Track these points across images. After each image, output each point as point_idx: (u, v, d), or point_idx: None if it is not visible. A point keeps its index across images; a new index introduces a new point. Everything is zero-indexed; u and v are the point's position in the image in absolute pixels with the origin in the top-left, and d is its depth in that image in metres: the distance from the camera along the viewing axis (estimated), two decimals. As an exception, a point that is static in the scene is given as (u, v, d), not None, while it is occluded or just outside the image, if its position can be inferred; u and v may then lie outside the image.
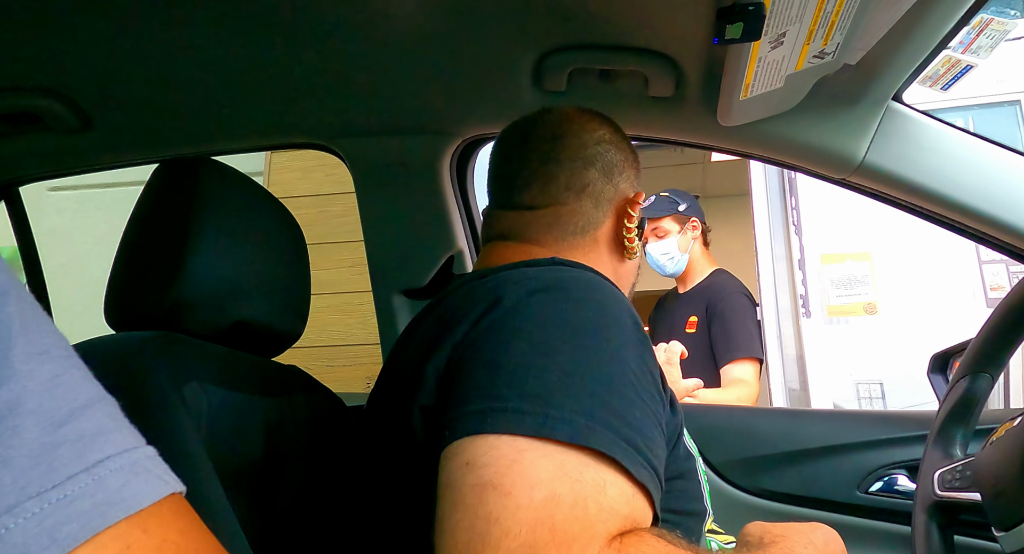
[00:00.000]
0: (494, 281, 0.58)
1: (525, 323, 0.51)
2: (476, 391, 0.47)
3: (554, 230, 0.71)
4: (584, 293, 0.55)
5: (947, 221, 0.93)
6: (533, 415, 0.44)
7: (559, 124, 0.75)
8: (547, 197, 0.72)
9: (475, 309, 0.54)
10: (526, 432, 0.43)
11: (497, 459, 0.42)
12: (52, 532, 0.22)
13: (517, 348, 0.49)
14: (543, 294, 0.54)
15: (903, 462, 1.04)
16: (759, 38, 0.68)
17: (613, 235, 0.74)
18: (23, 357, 0.24)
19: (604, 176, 0.73)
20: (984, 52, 0.91)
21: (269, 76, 0.92)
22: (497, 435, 0.44)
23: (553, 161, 0.72)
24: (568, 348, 0.49)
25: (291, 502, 0.71)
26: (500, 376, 0.47)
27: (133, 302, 0.66)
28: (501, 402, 0.45)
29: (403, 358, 0.61)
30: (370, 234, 1.14)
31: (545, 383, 0.46)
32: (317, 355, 2.25)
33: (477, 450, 0.43)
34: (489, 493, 0.41)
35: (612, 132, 0.76)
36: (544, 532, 0.40)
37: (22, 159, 1.13)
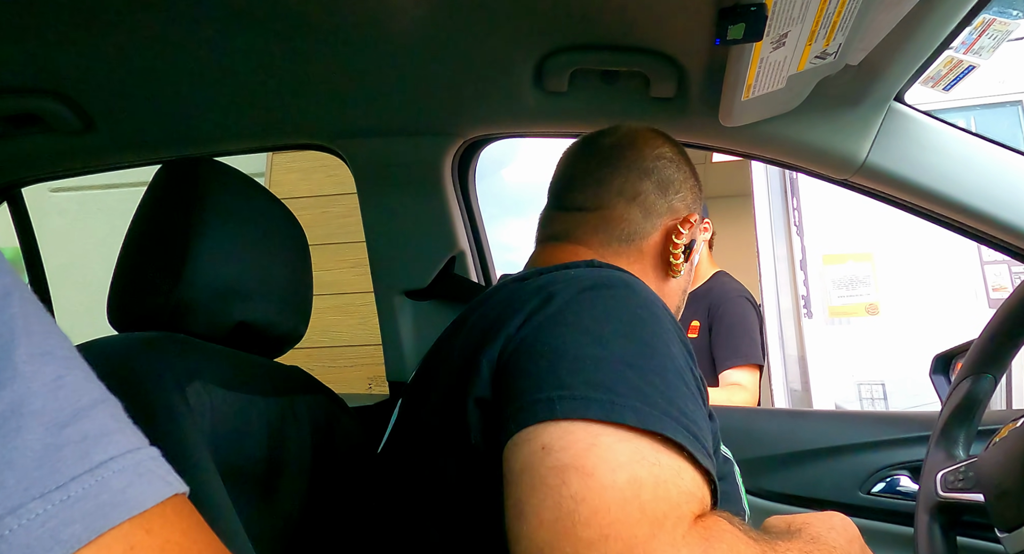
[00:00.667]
0: (542, 281, 0.58)
1: (579, 317, 0.52)
2: (540, 380, 0.47)
3: (600, 233, 0.73)
4: (629, 291, 0.56)
5: (949, 221, 0.93)
6: (600, 402, 0.45)
7: (623, 136, 0.78)
8: (598, 200, 0.74)
9: (527, 305, 0.54)
10: (597, 417, 0.44)
11: (574, 443, 0.43)
12: (56, 533, 0.22)
13: (575, 340, 0.50)
14: (592, 292, 0.54)
15: (905, 463, 1.04)
16: (761, 39, 0.68)
17: (659, 250, 0.75)
18: (26, 358, 0.24)
19: (658, 190, 0.75)
20: (986, 53, 0.91)
21: (271, 77, 0.92)
22: (570, 420, 0.44)
23: (609, 167, 0.75)
24: (623, 341, 0.50)
25: (293, 502, 0.71)
26: (562, 366, 0.48)
27: (136, 303, 0.66)
28: (568, 389, 0.46)
29: (449, 356, 0.60)
30: (372, 235, 1.14)
31: (607, 372, 0.47)
32: (319, 356, 2.25)
33: (552, 435, 0.44)
34: (571, 474, 0.41)
35: (675, 151, 0.79)
36: (634, 510, 0.40)
37: (24, 160, 1.13)
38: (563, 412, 0.44)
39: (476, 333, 0.57)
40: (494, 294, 0.61)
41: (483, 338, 0.55)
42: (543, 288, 0.56)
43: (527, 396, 0.47)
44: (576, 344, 0.49)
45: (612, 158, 0.75)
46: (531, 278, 0.60)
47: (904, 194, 0.92)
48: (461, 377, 0.55)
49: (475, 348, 0.55)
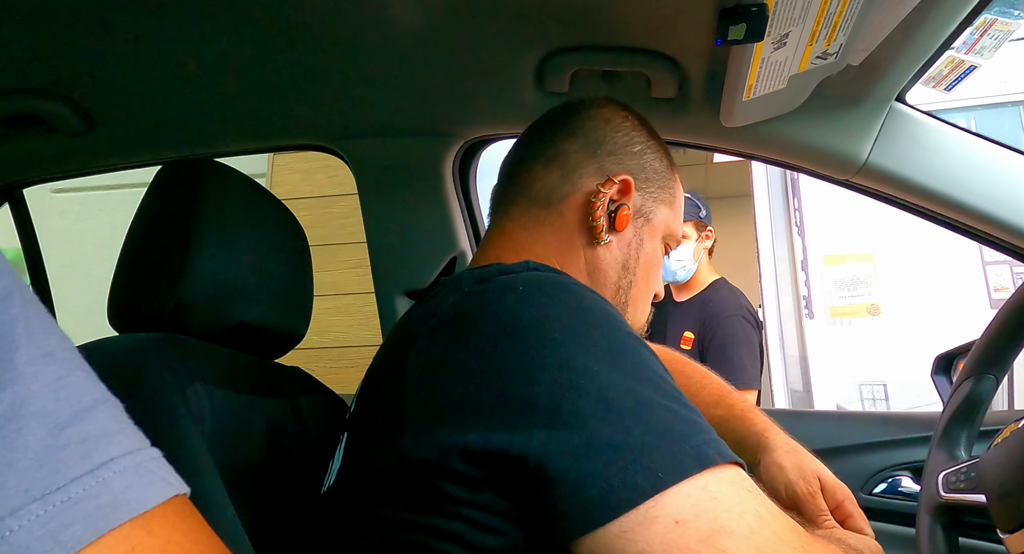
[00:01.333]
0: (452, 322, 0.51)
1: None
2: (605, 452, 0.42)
3: (520, 200, 0.68)
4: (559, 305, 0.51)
5: (950, 222, 0.93)
6: (680, 455, 0.42)
7: (571, 105, 0.73)
8: (518, 166, 0.70)
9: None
10: (682, 477, 0.41)
11: (696, 506, 0.41)
12: (56, 534, 0.22)
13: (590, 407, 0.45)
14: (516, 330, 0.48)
15: (907, 464, 1.04)
16: (762, 39, 0.68)
17: (582, 215, 0.67)
18: (27, 359, 0.24)
19: (585, 149, 0.68)
20: (988, 53, 0.91)
21: (272, 78, 0.92)
22: (675, 485, 0.41)
23: (538, 132, 0.71)
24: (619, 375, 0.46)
25: (294, 503, 0.71)
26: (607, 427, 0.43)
27: (136, 304, 0.66)
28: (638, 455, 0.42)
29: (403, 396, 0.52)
30: (372, 235, 1.14)
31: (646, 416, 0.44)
32: (320, 356, 2.25)
33: (673, 504, 0.40)
34: (723, 540, 0.40)
35: (622, 116, 0.71)
36: (777, 542, 0.41)
37: (26, 161, 1.13)
38: (665, 478, 0.41)
39: (430, 391, 0.48)
40: (432, 335, 0.52)
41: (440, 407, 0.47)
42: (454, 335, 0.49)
43: (606, 474, 0.41)
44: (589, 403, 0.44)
45: (547, 125, 0.70)
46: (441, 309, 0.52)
47: (905, 194, 0.92)
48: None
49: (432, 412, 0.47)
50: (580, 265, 0.68)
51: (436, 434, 0.45)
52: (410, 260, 1.14)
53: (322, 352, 2.27)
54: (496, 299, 0.50)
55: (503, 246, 0.68)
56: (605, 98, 0.74)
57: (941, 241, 2.46)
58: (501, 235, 0.69)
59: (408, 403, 0.48)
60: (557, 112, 0.72)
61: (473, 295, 0.52)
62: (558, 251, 0.67)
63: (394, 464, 0.47)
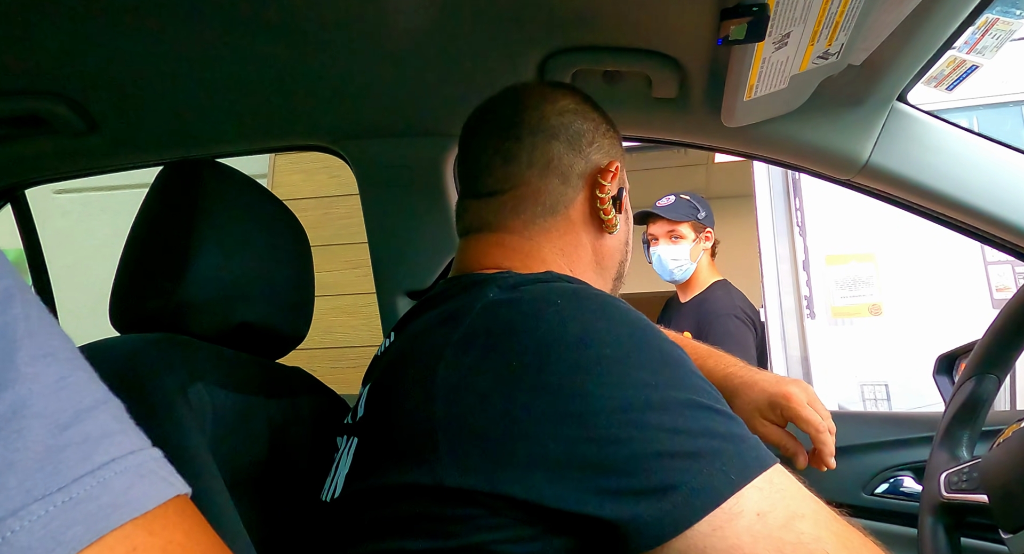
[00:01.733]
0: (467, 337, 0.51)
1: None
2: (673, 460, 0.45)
3: (522, 214, 0.66)
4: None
5: (952, 222, 0.93)
6: (745, 456, 0.46)
7: (518, 100, 0.70)
8: (510, 179, 0.67)
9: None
10: (752, 476, 0.45)
11: (771, 498, 0.45)
12: (58, 535, 0.22)
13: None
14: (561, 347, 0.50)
15: (909, 464, 1.04)
16: (763, 39, 0.68)
17: (589, 210, 0.68)
18: (29, 359, 0.24)
19: (571, 148, 0.67)
20: (989, 52, 0.91)
21: (273, 79, 0.92)
22: (745, 485, 0.45)
23: (512, 139, 0.67)
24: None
25: (295, 504, 0.71)
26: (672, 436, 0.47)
27: (138, 304, 0.66)
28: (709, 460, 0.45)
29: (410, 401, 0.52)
30: (374, 236, 1.14)
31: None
32: (321, 357, 2.26)
33: (751, 500, 0.45)
34: (799, 523, 0.45)
35: (578, 101, 0.71)
36: (833, 521, 0.46)
37: (28, 162, 1.13)
38: (738, 479, 0.44)
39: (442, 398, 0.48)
40: (465, 342, 0.50)
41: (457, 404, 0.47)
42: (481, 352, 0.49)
43: (685, 480, 0.44)
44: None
45: (513, 129, 0.67)
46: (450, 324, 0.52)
47: (907, 194, 0.92)
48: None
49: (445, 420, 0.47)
50: (587, 259, 0.69)
51: (491, 474, 0.45)
52: (411, 260, 1.14)
53: (323, 352, 2.27)
54: (534, 312, 0.49)
55: (503, 255, 0.65)
56: (552, 85, 0.73)
57: (943, 241, 2.46)
58: (498, 246, 0.66)
59: (442, 424, 0.47)
60: (518, 112, 0.69)
61: (505, 304, 0.51)
62: (563, 252, 0.67)
63: (428, 483, 0.47)
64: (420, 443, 0.48)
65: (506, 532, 0.45)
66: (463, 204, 0.71)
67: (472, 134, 0.72)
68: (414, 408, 0.50)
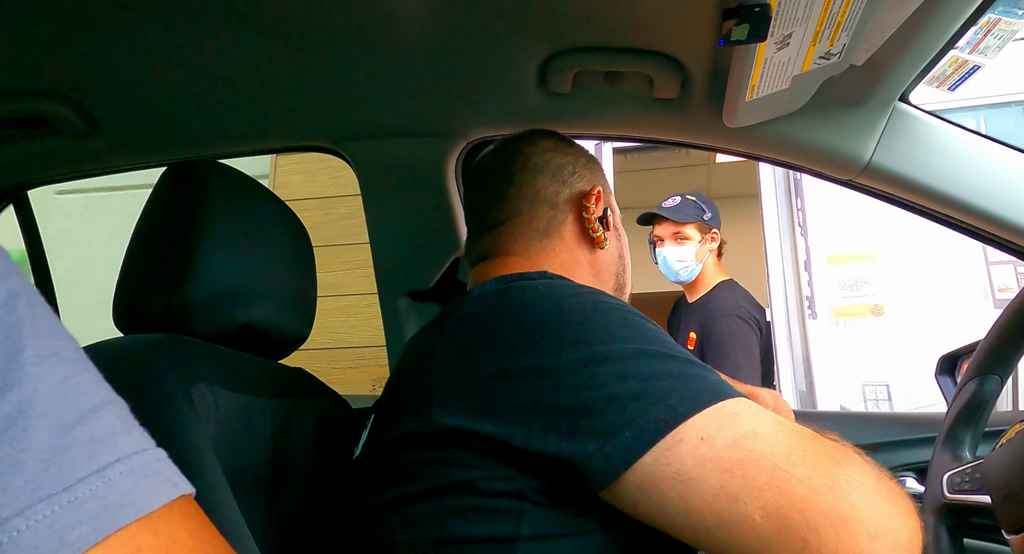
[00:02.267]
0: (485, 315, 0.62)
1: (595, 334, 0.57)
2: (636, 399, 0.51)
3: (520, 238, 0.77)
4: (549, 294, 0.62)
5: (954, 222, 0.93)
6: (709, 392, 0.51)
7: (505, 149, 0.83)
8: (505, 212, 0.78)
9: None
10: (712, 402, 0.50)
11: (719, 423, 0.48)
12: (63, 534, 0.22)
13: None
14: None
15: (911, 464, 1.03)
16: (765, 39, 0.68)
17: (579, 230, 0.79)
18: (34, 359, 0.25)
19: (555, 179, 0.79)
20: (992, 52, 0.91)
21: (275, 80, 0.92)
22: (688, 418, 0.49)
23: (504, 179, 0.79)
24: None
25: (298, 504, 0.71)
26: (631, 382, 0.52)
27: (141, 305, 0.66)
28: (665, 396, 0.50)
29: (428, 384, 0.62)
30: (375, 236, 1.14)
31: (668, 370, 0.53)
32: (323, 357, 2.26)
33: (696, 429, 0.48)
34: (747, 441, 0.48)
35: (554, 140, 0.83)
36: (797, 432, 0.50)
37: (30, 163, 1.14)
38: (685, 411, 0.49)
39: (462, 366, 0.58)
40: (459, 324, 0.62)
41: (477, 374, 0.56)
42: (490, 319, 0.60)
43: (638, 415, 0.49)
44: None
45: (505, 171, 0.80)
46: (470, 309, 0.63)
47: (909, 194, 0.92)
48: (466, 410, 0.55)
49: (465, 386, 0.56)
50: (586, 272, 0.79)
51: (473, 416, 0.53)
52: (412, 261, 1.14)
53: (325, 353, 2.27)
54: (517, 296, 0.61)
55: (512, 272, 0.72)
56: (532, 131, 0.85)
57: (944, 241, 2.46)
58: (503, 266, 0.75)
59: (436, 385, 0.57)
60: (506, 157, 0.81)
61: (495, 293, 0.63)
62: (563, 268, 0.76)
63: (424, 430, 0.55)
64: (418, 401, 0.58)
65: (491, 472, 0.53)
66: (471, 241, 0.82)
67: (473, 184, 0.84)
68: (417, 380, 0.61)
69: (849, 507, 0.45)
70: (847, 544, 0.44)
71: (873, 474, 0.49)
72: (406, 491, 0.56)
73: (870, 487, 0.47)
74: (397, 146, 1.09)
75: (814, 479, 0.46)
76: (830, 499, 0.45)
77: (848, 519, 0.45)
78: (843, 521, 0.45)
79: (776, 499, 0.45)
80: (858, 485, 0.46)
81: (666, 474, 0.47)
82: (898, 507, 0.47)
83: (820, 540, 0.44)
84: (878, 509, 0.46)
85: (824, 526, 0.45)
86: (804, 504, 0.45)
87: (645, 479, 0.48)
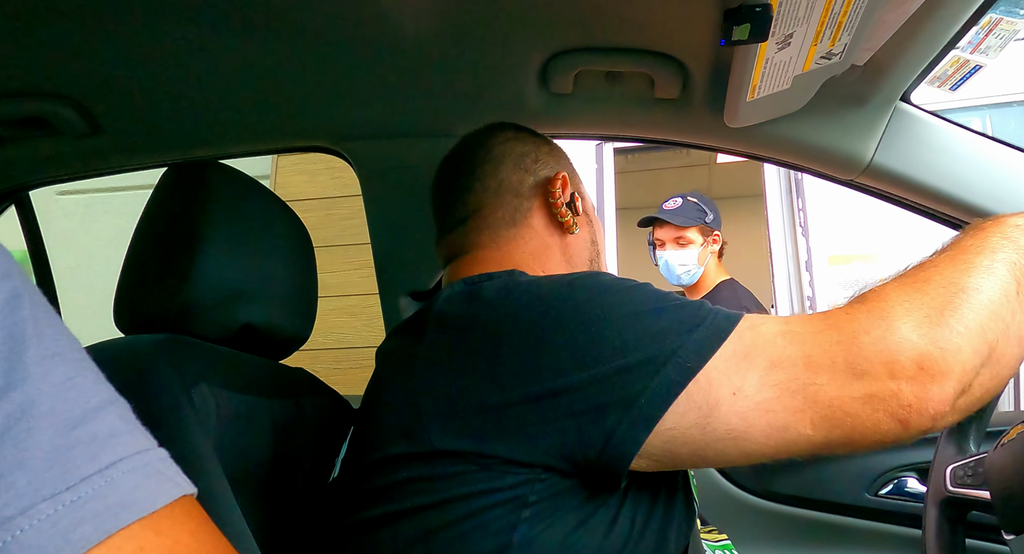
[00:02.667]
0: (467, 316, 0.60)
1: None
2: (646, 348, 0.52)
3: (486, 230, 0.75)
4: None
5: (956, 222, 0.92)
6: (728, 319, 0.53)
7: (464, 146, 0.81)
8: (471, 205, 0.76)
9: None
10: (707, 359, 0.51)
11: (743, 377, 0.50)
12: (66, 534, 0.22)
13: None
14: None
15: (913, 465, 1.03)
16: (766, 39, 0.68)
17: (547, 217, 0.77)
18: (37, 359, 0.25)
19: (517, 168, 0.77)
20: (993, 52, 0.91)
21: (276, 80, 0.92)
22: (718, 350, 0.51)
23: (466, 175, 0.77)
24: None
25: (299, 504, 0.71)
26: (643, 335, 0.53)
27: (142, 305, 0.66)
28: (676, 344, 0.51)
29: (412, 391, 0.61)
30: (376, 237, 1.14)
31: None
32: (324, 357, 2.26)
33: (712, 388, 0.50)
34: (772, 375, 0.50)
35: (515, 130, 0.81)
36: (811, 330, 0.52)
37: (31, 163, 1.14)
38: (694, 365, 0.50)
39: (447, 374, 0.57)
40: (436, 332, 0.60)
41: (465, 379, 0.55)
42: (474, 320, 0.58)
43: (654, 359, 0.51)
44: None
45: (466, 166, 0.78)
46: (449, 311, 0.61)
47: (910, 194, 0.92)
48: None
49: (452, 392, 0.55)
50: (558, 258, 0.77)
51: (476, 438, 0.52)
52: (414, 261, 1.14)
53: (326, 353, 2.27)
54: (489, 295, 0.59)
55: (481, 269, 0.71)
56: (491, 125, 0.83)
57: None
58: (475, 262, 0.74)
59: (423, 399, 0.55)
60: (467, 153, 0.80)
61: (465, 294, 0.61)
62: (534, 256, 0.75)
63: (419, 450, 0.54)
64: (404, 417, 0.56)
65: (493, 482, 0.52)
66: (440, 242, 0.80)
67: (437, 185, 0.82)
68: (396, 392, 0.59)
69: (877, 383, 0.48)
70: (892, 411, 0.47)
71: (877, 314, 0.50)
72: (396, 507, 0.55)
73: (885, 336, 0.49)
74: (398, 146, 1.09)
75: (836, 375, 0.48)
76: (859, 385, 0.48)
77: (880, 394, 0.48)
78: (880, 397, 0.48)
79: (817, 410, 0.48)
80: (873, 346, 0.48)
81: (709, 431, 0.49)
82: (914, 336, 0.48)
83: (867, 421, 0.48)
84: (900, 356, 0.48)
85: (864, 410, 0.48)
86: (840, 402, 0.48)
87: (670, 435, 0.50)
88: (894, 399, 0.47)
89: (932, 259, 0.56)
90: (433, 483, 0.53)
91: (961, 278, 0.51)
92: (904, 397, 0.47)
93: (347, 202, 2.30)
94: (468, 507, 0.52)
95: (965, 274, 0.52)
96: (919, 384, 0.47)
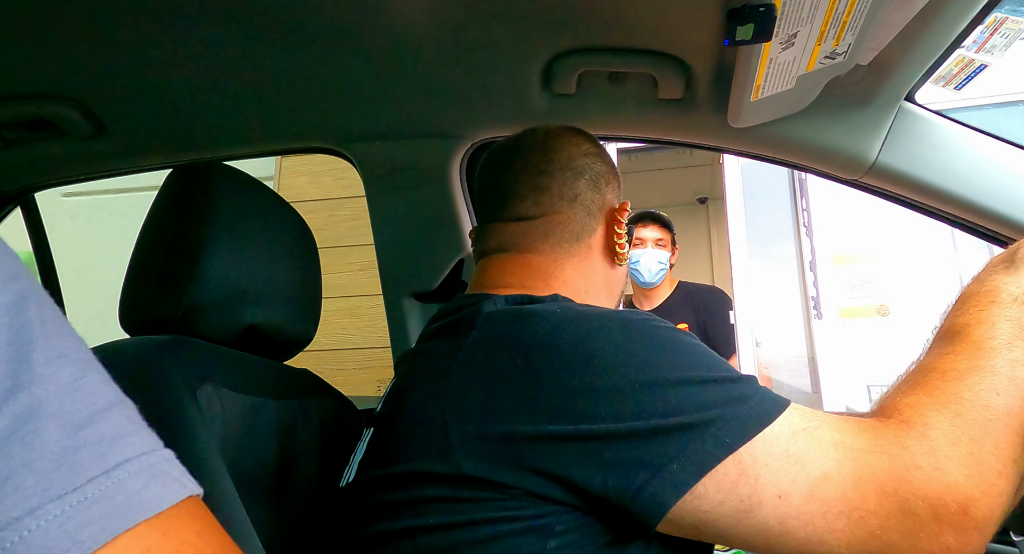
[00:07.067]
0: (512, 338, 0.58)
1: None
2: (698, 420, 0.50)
3: (551, 238, 0.74)
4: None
5: (960, 221, 0.92)
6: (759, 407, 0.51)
7: (546, 139, 0.78)
8: (541, 207, 0.74)
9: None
10: (746, 439, 0.49)
11: (792, 481, 0.48)
12: (73, 534, 0.22)
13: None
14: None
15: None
16: (770, 39, 0.67)
17: (605, 243, 0.77)
18: (44, 361, 0.25)
19: (592, 186, 0.77)
20: (998, 51, 0.90)
21: (280, 81, 0.93)
22: (733, 450, 0.49)
23: (545, 173, 0.75)
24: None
25: (303, 504, 0.71)
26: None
27: (147, 306, 0.66)
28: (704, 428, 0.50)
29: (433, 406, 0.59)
30: (380, 238, 1.14)
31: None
32: (328, 358, 2.26)
33: (737, 466, 0.49)
34: (821, 489, 0.48)
35: (595, 146, 0.80)
36: (865, 447, 0.49)
37: (37, 165, 1.14)
38: (732, 442, 0.49)
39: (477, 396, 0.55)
40: (473, 351, 0.58)
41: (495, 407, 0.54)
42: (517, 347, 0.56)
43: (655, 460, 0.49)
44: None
45: (544, 164, 0.76)
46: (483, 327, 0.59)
47: (915, 194, 0.92)
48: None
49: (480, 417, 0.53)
50: (600, 284, 0.76)
51: (504, 468, 0.51)
52: (417, 262, 1.14)
53: (330, 354, 2.28)
54: (533, 320, 0.57)
55: (528, 275, 0.72)
56: (570, 129, 0.81)
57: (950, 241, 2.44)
58: (524, 265, 0.73)
59: (453, 419, 0.54)
60: (547, 153, 0.77)
61: (512, 318, 0.59)
62: (582, 275, 0.74)
63: (444, 471, 0.53)
64: (432, 433, 0.54)
65: (518, 512, 0.51)
66: (487, 227, 0.77)
67: (497, 168, 0.79)
68: (425, 403, 0.57)
69: (921, 523, 0.47)
70: (930, 549, 0.47)
71: (925, 445, 0.48)
72: (420, 523, 0.54)
73: (935, 477, 0.47)
74: (402, 147, 1.09)
75: (884, 505, 0.47)
76: (904, 521, 0.47)
77: (922, 533, 0.47)
78: (921, 536, 0.47)
79: (857, 535, 0.48)
80: (924, 486, 0.47)
81: (745, 525, 0.49)
82: (960, 477, 0.47)
83: (904, 552, 0.47)
84: (947, 498, 0.47)
85: (903, 543, 0.47)
86: (881, 531, 0.47)
87: (701, 510, 0.49)
88: (935, 539, 0.47)
89: (951, 356, 0.55)
90: (459, 504, 0.53)
91: (993, 399, 0.50)
92: (945, 539, 0.47)
93: (351, 203, 2.30)
94: (494, 530, 0.52)
95: (994, 393, 0.50)
96: (962, 531, 0.47)
